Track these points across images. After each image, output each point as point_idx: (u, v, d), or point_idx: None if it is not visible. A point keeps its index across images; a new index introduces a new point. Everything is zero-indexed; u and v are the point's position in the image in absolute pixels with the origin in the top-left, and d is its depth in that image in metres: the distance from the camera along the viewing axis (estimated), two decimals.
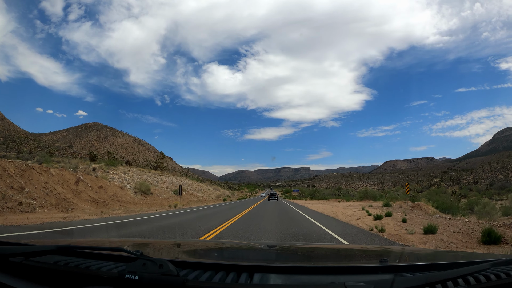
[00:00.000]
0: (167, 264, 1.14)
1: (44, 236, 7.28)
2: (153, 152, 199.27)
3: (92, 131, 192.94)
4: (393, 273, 1.21)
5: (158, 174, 41.10)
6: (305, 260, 2.00)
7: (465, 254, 2.59)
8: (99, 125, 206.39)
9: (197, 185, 54.50)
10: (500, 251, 6.25)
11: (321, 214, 18.90)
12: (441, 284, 1.08)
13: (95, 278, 1.22)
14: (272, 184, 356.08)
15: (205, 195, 48.20)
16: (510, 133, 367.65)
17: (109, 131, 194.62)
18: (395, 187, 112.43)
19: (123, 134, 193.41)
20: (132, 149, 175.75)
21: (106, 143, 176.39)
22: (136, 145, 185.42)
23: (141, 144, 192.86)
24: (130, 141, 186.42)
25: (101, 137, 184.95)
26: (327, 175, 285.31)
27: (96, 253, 1.43)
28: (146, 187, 29.18)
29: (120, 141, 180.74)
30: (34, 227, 8.99)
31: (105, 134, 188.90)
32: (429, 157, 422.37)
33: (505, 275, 1.14)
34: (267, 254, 2.13)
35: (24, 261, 1.32)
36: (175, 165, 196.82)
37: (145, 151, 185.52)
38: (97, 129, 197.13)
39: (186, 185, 43.95)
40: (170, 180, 41.43)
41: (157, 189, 32.99)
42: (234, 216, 14.75)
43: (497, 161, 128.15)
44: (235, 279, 1.17)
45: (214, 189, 63.89)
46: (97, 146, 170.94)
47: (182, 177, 53.56)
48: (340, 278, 1.19)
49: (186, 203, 30.93)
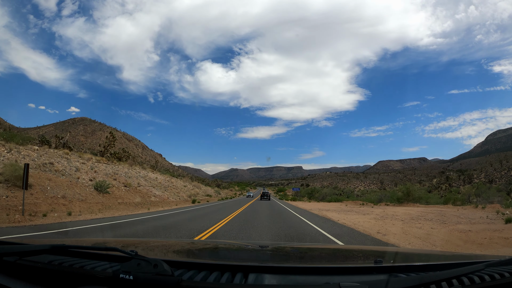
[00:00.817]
0: (161, 264, 1.13)
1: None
2: (142, 148, 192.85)
3: (79, 126, 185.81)
4: (387, 274, 1.21)
5: (96, 162, 28.99)
6: (300, 261, 2.02)
7: (460, 255, 2.49)
8: (87, 120, 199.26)
9: (166, 180, 42.38)
10: None
11: None
12: (436, 284, 1.09)
13: (90, 277, 1.21)
14: (265, 183, 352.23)
15: (169, 193, 34.54)
16: (503, 135, 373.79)
17: (96, 126, 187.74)
18: (397, 186, 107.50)
19: (112, 129, 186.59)
20: (120, 145, 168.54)
21: (93, 138, 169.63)
22: (124, 141, 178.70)
23: (129, 139, 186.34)
24: (118, 137, 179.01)
25: (88, 132, 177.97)
26: (321, 174, 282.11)
27: (90, 253, 1.43)
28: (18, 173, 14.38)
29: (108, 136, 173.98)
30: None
31: (93, 129, 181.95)
32: (422, 158, 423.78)
33: (499, 276, 1.15)
34: (262, 254, 2.12)
35: (18, 260, 1.31)
36: (164, 162, 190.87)
37: (133, 146, 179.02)
38: (85, 123, 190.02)
39: (142, 179, 32.44)
40: (113, 171, 28.63)
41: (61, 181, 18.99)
42: None
43: (502, 160, 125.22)
44: (230, 279, 1.16)
45: (194, 186, 53.46)
46: (83, 141, 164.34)
47: (148, 170, 43.19)
48: (335, 278, 1.19)
49: (104, 207, 17.97)
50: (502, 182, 75.07)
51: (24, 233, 8.35)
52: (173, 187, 40.37)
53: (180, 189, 42.72)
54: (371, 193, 49.75)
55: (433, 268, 1.36)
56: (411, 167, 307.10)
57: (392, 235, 9.85)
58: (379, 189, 77.47)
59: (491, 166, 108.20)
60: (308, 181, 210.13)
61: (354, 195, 57.53)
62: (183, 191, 42.61)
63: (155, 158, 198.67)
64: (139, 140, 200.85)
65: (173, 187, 40.60)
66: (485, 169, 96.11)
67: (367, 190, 53.88)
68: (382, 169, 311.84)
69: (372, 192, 46.99)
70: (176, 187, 42.15)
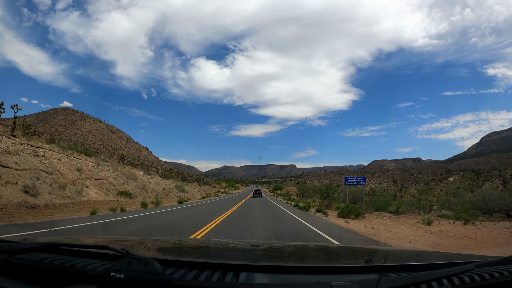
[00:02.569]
0: (153, 262, 1.12)
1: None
2: (127, 140, 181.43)
3: (59, 116, 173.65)
4: (378, 273, 1.22)
5: None
6: (292, 259, 2.02)
7: (450, 255, 2.58)
8: (69, 110, 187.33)
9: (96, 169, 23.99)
10: None
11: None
12: (426, 284, 1.09)
13: (81, 276, 1.20)
14: (258, 180, 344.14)
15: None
16: (498, 137, 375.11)
17: (78, 116, 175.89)
18: (418, 184, 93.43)
19: (94, 120, 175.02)
20: (102, 136, 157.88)
21: (73, 128, 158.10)
22: (107, 132, 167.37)
23: (113, 131, 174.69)
24: (101, 128, 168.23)
25: (68, 122, 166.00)
26: (316, 172, 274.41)
27: (81, 251, 1.42)
28: None
29: (89, 126, 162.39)
30: None
31: (74, 119, 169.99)
32: (416, 158, 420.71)
33: (489, 276, 1.16)
34: (253, 253, 2.11)
35: (8, 258, 1.30)
36: (150, 156, 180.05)
37: (116, 138, 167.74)
38: (66, 114, 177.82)
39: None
40: None
41: None
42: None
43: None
44: (221, 278, 1.16)
45: (126, 177, 27.77)
46: (62, 131, 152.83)
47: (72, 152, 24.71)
48: (326, 277, 1.20)
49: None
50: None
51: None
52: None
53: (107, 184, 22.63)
54: (423, 196, 31.79)
55: (423, 268, 1.36)
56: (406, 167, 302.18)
57: None
58: (393, 187, 66.63)
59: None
60: (303, 179, 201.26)
61: (404, 202, 27.77)
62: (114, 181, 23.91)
63: (139, 151, 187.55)
64: (123, 132, 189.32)
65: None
66: (505, 167, 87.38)
67: (379, 189, 42.65)
68: (376, 169, 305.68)
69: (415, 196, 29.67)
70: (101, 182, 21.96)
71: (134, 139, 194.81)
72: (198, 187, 55.99)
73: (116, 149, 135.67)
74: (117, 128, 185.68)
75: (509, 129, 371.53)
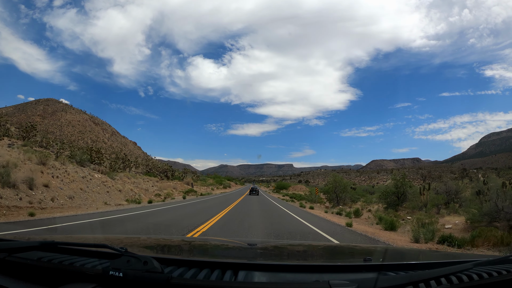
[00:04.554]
0: (151, 261, 1.11)
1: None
2: (112, 134, 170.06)
3: (40, 106, 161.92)
4: (376, 272, 1.21)
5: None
6: (290, 258, 2.02)
7: (449, 254, 2.53)
8: (52, 101, 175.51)
9: None
10: None
11: None
12: (424, 283, 1.09)
13: (79, 274, 1.19)
14: (255, 179, 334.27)
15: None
16: (497, 137, 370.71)
17: (60, 106, 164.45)
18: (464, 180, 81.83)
19: (77, 111, 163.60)
20: (82, 128, 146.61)
21: (52, 119, 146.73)
22: (90, 124, 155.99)
23: (96, 123, 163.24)
24: (83, 119, 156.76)
25: (48, 112, 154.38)
26: (316, 171, 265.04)
27: (80, 250, 1.41)
28: None
29: (69, 117, 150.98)
30: None
31: (54, 109, 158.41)
32: (415, 158, 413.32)
33: (487, 275, 1.16)
34: (252, 252, 2.11)
35: (7, 257, 1.29)
36: (138, 150, 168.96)
37: (99, 131, 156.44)
38: (47, 104, 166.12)
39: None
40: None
41: None
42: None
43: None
44: (220, 276, 1.16)
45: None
46: (39, 121, 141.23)
47: None
48: (324, 276, 1.19)
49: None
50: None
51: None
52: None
53: None
54: None
55: (422, 266, 1.36)
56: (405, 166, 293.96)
57: None
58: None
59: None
60: (304, 177, 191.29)
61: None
62: None
63: (125, 145, 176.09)
64: (109, 125, 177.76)
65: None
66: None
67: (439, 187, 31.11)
68: (375, 168, 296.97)
69: None
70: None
71: (120, 133, 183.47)
72: (159, 183, 35.64)
73: (96, 142, 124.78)
74: (102, 121, 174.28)
75: (508, 130, 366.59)
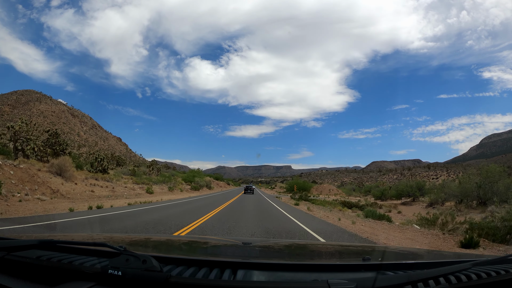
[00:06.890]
0: (150, 259, 1.11)
1: None
2: (92, 127, 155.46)
3: (12, 96, 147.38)
4: (375, 271, 1.22)
5: None
6: (289, 257, 2.03)
7: (447, 254, 2.53)
8: (30, 91, 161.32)
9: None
10: None
11: None
12: (423, 282, 1.09)
13: (78, 273, 1.19)
14: (253, 180, 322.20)
15: None
16: (498, 139, 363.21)
17: (37, 97, 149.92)
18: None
19: (54, 102, 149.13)
20: (56, 119, 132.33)
21: (23, 109, 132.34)
22: (66, 116, 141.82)
23: (75, 115, 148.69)
24: (59, 110, 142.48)
25: (20, 102, 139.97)
26: (316, 172, 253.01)
27: (79, 248, 1.40)
28: None
29: (43, 108, 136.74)
30: None
31: (28, 99, 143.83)
32: (416, 159, 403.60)
33: (486, 275, 1.16)
34: (251, 251, 2.10)
35: (6, 255, 1.28)
36: (121, 146, 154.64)
37: (76, 123, 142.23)
38: (22, 94, 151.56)
39: None
40: None
41: None
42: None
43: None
44: (219, 275, 1.16)
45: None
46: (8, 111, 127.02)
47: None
48: (323, 275, 1.19)
49: None
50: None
51: None
52: None
53: None
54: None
55: (421, 266, 1.36)
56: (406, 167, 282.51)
57: None
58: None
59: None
60: (307, 178, 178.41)
61: None
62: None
63: (106, 140, 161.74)
64: (90, 117, 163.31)
65: None
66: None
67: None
68: (376, 170, 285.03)
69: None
70: None
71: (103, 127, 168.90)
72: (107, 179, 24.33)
73: (67, 134, 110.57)
74: (82, 113, 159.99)
75: (509, 131, 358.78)
